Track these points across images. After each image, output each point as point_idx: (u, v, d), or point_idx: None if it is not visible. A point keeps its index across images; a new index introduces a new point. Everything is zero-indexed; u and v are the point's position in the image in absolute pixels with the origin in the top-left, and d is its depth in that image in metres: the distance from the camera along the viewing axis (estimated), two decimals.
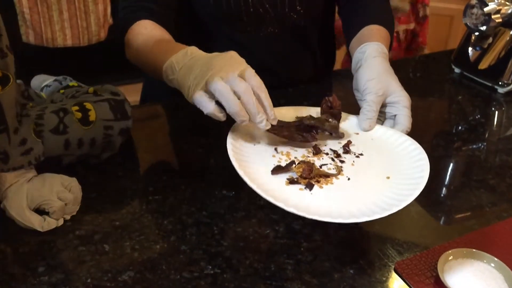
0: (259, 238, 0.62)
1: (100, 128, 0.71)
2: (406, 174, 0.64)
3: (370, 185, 0.62)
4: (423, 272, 0.57)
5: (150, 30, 0.83)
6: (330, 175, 0.63)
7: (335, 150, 0.69)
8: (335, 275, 0.57)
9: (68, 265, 0.57)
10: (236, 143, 0.66)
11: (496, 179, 0.76)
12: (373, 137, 0.73)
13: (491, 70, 1.05)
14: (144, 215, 0.66)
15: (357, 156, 0.68)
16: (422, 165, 0.64)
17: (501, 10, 0.98)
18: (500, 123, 0.98)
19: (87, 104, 0.71)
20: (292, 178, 0.62)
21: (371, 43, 0.82)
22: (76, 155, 0.70)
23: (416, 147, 0.69)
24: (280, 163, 0.64)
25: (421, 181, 0.60)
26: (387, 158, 0.68)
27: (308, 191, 0.60)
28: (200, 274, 0.57)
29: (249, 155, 0.65)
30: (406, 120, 0.73)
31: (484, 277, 0.55)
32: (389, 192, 0.60)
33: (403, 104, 0.74)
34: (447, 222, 0.69)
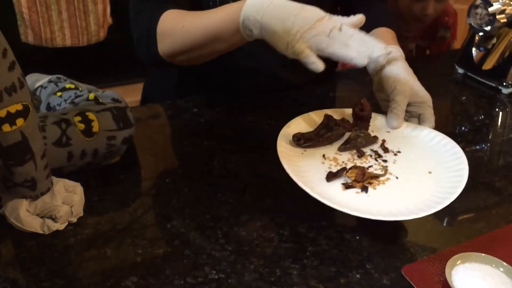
0: (264, 242, 0.62)
1: (103, 139, 0.70)
2: (446, 167, 0.67)
3: (418, 182, 0.66)
4: (431, 277, 0.56)
5: (183, 11, 0.83)
6: (379, 176, 0.66)
7: (376, 151, 0.72)
8: (341, 280, 0.56)
9: (70, 270, 0.56)
10: (287, 155, 0.68)
11: (502, 181, 0.75)
12: (404, 135, 0.77)
13: (495, 71, 1.05)
14: (147, 218, 0.65)
15: (395, 154, 0.72)
16: (460, 158, 0.68)
17: (506, 10, 0.98)
18: (504, 124, 0.98)
19: (90, 114, 0.70)
20: (347, 183, 0.64)
21: (390, 47, 0.85)
22: (78, 165, 0.69)
23: (448, 141, 0.72)
24: (331, 169, 0.67)
25: (463, 173, 0.64)
26: (423, 153, 0.72)
27: (364, 194, 0.63)
28: (204, 279, 0.56)
29: (301, 164, 0.68)
30: (431, 118, 0.78)
31: (493, 282, 0.54)
32: (437, 186, 0.64)
33: (427, 104, 0.78)
34: (454, 226, 0.68)
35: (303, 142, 0.71)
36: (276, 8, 0.69)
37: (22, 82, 0.57)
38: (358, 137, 0.73)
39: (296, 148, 0.71)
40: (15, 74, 0.56)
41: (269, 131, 0.88)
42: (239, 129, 0.88)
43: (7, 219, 0.62)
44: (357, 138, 0.73)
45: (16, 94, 0.56)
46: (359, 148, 0.72)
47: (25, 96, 0.58)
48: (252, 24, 0.71)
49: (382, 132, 0.77)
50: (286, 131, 0.73)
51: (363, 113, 0.76)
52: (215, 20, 0.76)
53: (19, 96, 0.56)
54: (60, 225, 0.62)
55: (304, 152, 0.71)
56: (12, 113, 0.56)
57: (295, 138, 0.71)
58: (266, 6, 0.70)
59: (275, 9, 0.69)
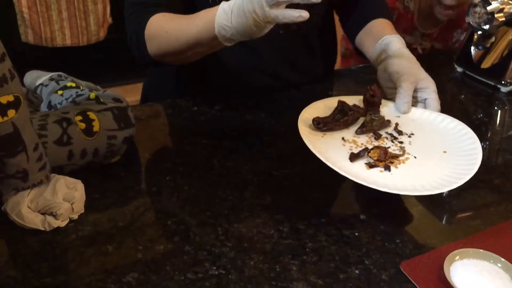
0: (264, 238, 0.62)
1: (104, 138, 0.70)
2: (459, 147, 0.71)
3: (436, 160, 0.69)
4: (429, 272, 0.57)
5: (169, 16, 0.84)
6: (398, 156, 0.69)
7: (391, 133, 0.75)
8: (340, 276, 0.57)
9: (71, 267, 0.57)
10: (310, 138, 0.70)
11: (501, 179, 0.76)
12: (414, 119, 0.80)
13: (494, 69, 1.05)
14: (148, 215, 0.66)
15: (409, 136, 0.75)
16: (471, 138, 0.72)
17: (504, 8, 0.98)
18: (503, 122, 0.98)
19: (91, 114, 0.70)
20: (370, 163, 0.67)
21: (392, 36, 0.89)
22: (79, 165, 0.70)
23: (458, 123, 0.76)
24: (352, 150, 0.70)
25: (477, 151, 0.68)
26: (436, 135, 0.75)
27: (388, 172, 0.66)
28: (204, 275, 0.56)
29: (323, 146, 0.70)
30: (436, 103, 0.81)
31: (491, 277, 0.54)
32: (454, 163, 0.68)
33: (432, 89, 0.82)
34: (453, 222, 0.68)
35: (323, 125, 0.73)
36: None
37: (13, 73, 0.58)
38: (373, 120, 0.76)
39: (316, 132, 0.73)
40: (5, 66, 0.57)
41: (268, 129, 0.88)
42: (239, 128, 0.89)
43: (9, 216, 0.62)
44: (372, 121, 0.76)
45: (7, 85, 0.56)
46: (375, 131, 0.75)
47: (16, 88, 0.58)
48: (228, 32, 0.72)
49: (392, 117, 0.80)
50: (304, 116, 0.75)
51: (374, 99, 0.79)
52: (195, 27, 0.78)
53: (10, 87, 0.57)
54: (61, 222, 0.62)
55: (324, 135, 0.73)
56: (3, 104, 0.56)
57: (315, 122, 0.73)
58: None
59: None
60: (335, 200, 0.70)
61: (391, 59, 0.84)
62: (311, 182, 0.73)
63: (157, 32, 0.83)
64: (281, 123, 0.89)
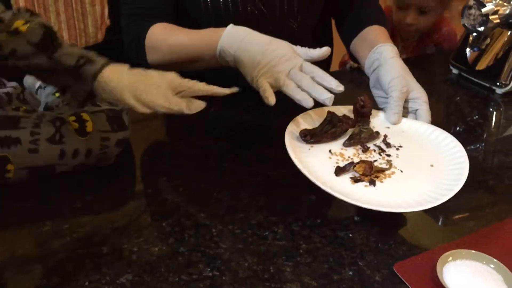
0: (258, 240, 0.62)
1: (96, 139, 0.71)
2: (447, 160, 0.70)
3: (422, 175, 0.68)
4: (422, 273, 0.57)
5: (170, 28, 0.87)
6: (384, 170, 0.68)
7: (379, 146, 0.74)
8: (334, 277, 0.57)
9: (66, 268, 0.57)
10: (296, 151, 0.69)
11: (495, 180, 0.76)
12: (403, 130, 0.79)
13: (489, 71, 1.05)
14: (143, 217, 0.66)
15: (397, 149, 0.74)
16: (459, 151, 0.71)
17: (499, 10, 0.98)
18: (498, 123, 0.98)
19: (84, 114, 0.71)
20: (355, 177, 0.66)
21: (386, 45, 0.87)
22: (71, 165, 0.70)
23: (447, 135, 0.75)
24: (338, 164, 0.69)
25: (464, 166, 0.67)
26: (424, 147, 0.74)
27: (372, 187, 0.65)
28: (199, 277, 0.56)
29: (309, 159, 0.69)
30: (427, 114, 0.80)
31: (483, 278, 0.55)
32: (441, 178, 0.66)
33: (423, 100, 0.81)
34: (447, 224, 0.68)
35: (310, 138, 0.72)
36: (248, 43, 0.76)
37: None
38: (362, 132, 0.75)
39: (303, 144, 0.72)
40: None
41: (265, 130, 0.88)
42: (236, 128, 0.89)
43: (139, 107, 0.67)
44: (361, 133, 0.75)
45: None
46: (363, 143, 0.74)
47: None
48: (227, 56, 0.78)
49: (382, 128, 0.79)
50: (292, 128, 0.75)
51: (364, 109, 0.78)
52: (197, 44, 0.82)
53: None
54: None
55: (311, 148, 0.72)
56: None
57: (302, 135, 0.73)
58: (240, 40, 0.76)
59: (247, 45, 0.75)
60: (330, 201, 0.70)
61: (383, 68, 0.83)
62: (306, 183, 0.73)
63: (159, 44, 0.85)
64: (278, 124, 0.88)
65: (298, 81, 0.73)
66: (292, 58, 0.74)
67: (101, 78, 0.67)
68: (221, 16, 0.90)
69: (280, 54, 0.74)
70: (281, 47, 0.75)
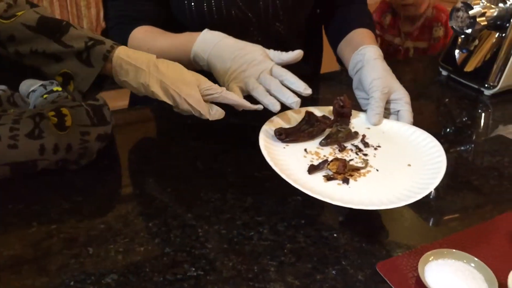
0: (244, 240, 0.63)
1: (76, 134, 0.71)
2: (425, 161, 0.70)
3: (398, 174, 0.67)
4: (404, 273, 0.58)
5: (151, 31, 0.89)
6: (360, 168, 0.68)
7: (356, 145, 0.74)
8: (317, 276, 0.58)
9: (52, 268, 0.58)
10: (269, 149, 0.69)
11: (480, 180, 0.77)
12: (384, 130, 0.79)
13: (477, 73, 1.06)
14: (130, 218, 0.66)
15: (375, 149, 0.74)
16: (438, 151, 0.70)
17: (486, 13, 0.99)
18: (487, 125, 0.99)
19: (64, 109, 0.71)
20: (328, 175, 0.66)
21: (369, 46, 0.88)
22: (52, 160, 0.70)
23: (427, 135, 0.75)
24: (312, 162, 0.68)
25: (441, 165, 0.66)
26: (403, 147, 0.74)
27: (346, 185, 0.65)
28: (183, 276, 0.57)
29: (283, 158, 0.69)
30: (409, 115, 0.80)
31: (464, 277, 0.55)
32: (417, 177, 0.66)
33: (405, 101, 0.81)
34: (431, 223, 0.69)
35: (285, 137, 0.72)
36: (220, 49, 0.78)
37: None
38: (339, 132, 0.74)
39: (278, 143, 0.72)
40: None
41: (253, 132, 0.89)
42: (225, 130, 0.90)
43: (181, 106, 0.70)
44: (338, 133, 0.74)
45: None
46: (340, 143, 0.73)
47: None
48: (201, 61, 0.80)
49: (363, 128, 0.78)
50: (268, 127, 0.75)
51: (344, 109, 0.77)
52: (173, 48, 0.84)
53: None
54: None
55: (286, 146, 0.72)
56: None
57: (277, 133, 0.72)
58: (213, 45, 0.78)
59: (219, 50, 0.78)
60: (316, 201, 0.71)
61: (365, 69, 0.84)
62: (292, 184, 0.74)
63: (139, 48, 0.85)
64: None
65: (267, 85, 0.74)
66: (262, 62, 0.75)
67: (117, 58, 0.68)
68: (205, 20, 0.91)
69: (250, 58, 0.75)
70: (252, 52, 0.76)
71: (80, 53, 0.66)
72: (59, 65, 0.67)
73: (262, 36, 0.96)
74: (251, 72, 0.75)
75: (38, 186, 0.71)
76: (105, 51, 0.67)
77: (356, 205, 0.60)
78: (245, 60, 0.76)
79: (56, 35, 0.66)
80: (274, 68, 0.76)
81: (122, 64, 0.68)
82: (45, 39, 0.66)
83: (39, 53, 0.66)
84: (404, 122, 0.79)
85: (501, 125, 0.94)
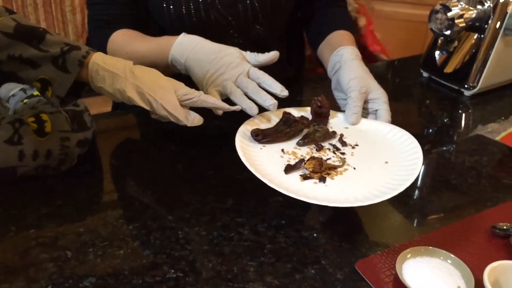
0: (223, 241, 0.63)
1: (56, 140, 0.71)
2: (402, 157, 0.70)
3: (375, 172, 0.68)
4: (382, 271, 0.58)
5: (130, 34, 0.89)
6: (337, 167, 0.68)
7: (334, 145, 0.74)
8: (296, 276, 0.58)
9: (30, 272, 0.57)
10: (246, 150, 0.69)
11: (458, 180, 0.78)
12: (362, 130, 0.79)
13: (457, 74, 1.08)
14: (109, 221, 0.66)
15: (353, 147, 0.74)
16: (414, 148, 0.71)
17: (465, 14, 1.01)
18: (466, 125, 1.01)
19: (43, 115, 0.71)
20: (305, 174, 0.66)
21: (347, 47, 0.89)
22: (32, 167, 0.70)
23: (404, 133, 0.75)
24: (289, 162, 0.68)
25: (418, 161, 0.67)
26: (380, 145, 0.74)
27: (322, 184, 0.64)
28: (162, 278, 0.57)
29: (260, 158, 0.69)
30: (387, 114, 0.81)
31: (441, 273, 0.56)
32: (393, 174, 0.67)
33: (383, 100, 0.81)
34: (409, 222, 0.70)
35: (262, 138, 0.72)
36: (197, 52, 0.78)
37: None
38: (317, 131, 0.75)
39: (255, 144, 0.72)
40: None
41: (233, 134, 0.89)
42: (206, 133, 0.90)
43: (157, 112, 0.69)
44: (315, 132, 0.75)
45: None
46: (317, 142, 0.74)
47: None
48: (178, 65, 0.80)
49: (341, 128, 0.79)
50: (245, 128, 0.75)
51: (322, 109, 0.78)
52: (151, 52, 0.84)
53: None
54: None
55: (263, 147, 0.72)
56: None
57: (253, 134, 0.72)
58: (190, 49, 0.78)
59: (197, 54, 0.78)
60: (296, 202, 0.71)
61: (343, 70, 0.84)
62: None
63: (118, 52, 0.87)
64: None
65: (244, 88, 0.75)
66: (239, 65, 0.76)
67: (93, 64, 0.68)
68: (184, 23, 0.91)
69: (227, 61, 0.76)
70: (229, 54, 0.77)
71: (55, 58, 0.66)
72: (35, 71, 0.67)
73: (243, 39, 0.96)
74: (229, 75, 0.75)
75: (17, 191, 0.70)
76: (81, 57, 0.67)
77: (332, 203, 0.60)
78: (223, 63, 0.76)
79: (33, 41, 0.66)
80: (251, 70, 0.76)
81: (98, 70, 0.68)
82: (23, 45, 0.66)
83: (16, 58, 0.66)
84: (382, 121, 0.80)
85: (480, 125, 0.95)
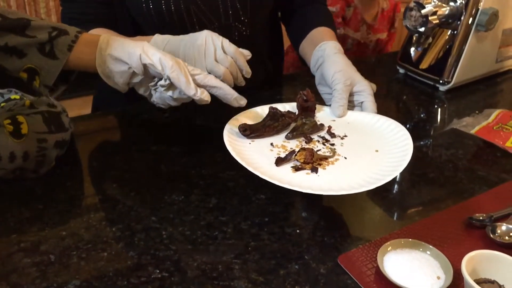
0: (208, 240, 0.63)
1: (33, 141, 0.70)
2: (392, 145, 0.72)
3: (366, 160, 0.69)
4: (364, 264, 0.59)
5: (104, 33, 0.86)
6: (328, 157, 0.69)
7: (323, 136, 0.75)
8: (280, 272, 0.59)
9: (12, 278, 0.57)
10: (234, 145, 0.70)
11: (435, 173, 0.80)
12: (349, 121, 0.80)
13: (432, 69, 1.10)
14: (93, 223, 0.66)
15: (342, 138, 0.75)
16: (404, 135, 0.72)
17: (438, 11, 1.03)
18: (442, 119, 1.03)
19: (20, 117, 0.70)
20: (296, 166, 0.67)
21: (329, 42, 0.90)
22: (9, 169, 0.69)
23: (392, 122, 0.77)
24: (279, 155, 0.69)
25: (408, 148, 0.68)
26: (369, 135, 0.76)
27: (315, 174, 0.65)
28: (147, 279, 0.57)
29: (249, 153, 0.69)
30: (373, 105, 0.82)
31: (420, 265, 0.57)
32: (385, 161, 0.68)
33: (368, 92, 0.83)
34: (390, 215, 0.71)
35: (250, 132, 0.72)
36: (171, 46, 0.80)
37: None
38: (305, 124, 0.75)
39: (243, 139, 0.72)
40: None
41: (216, 133, 0.89)
42: (188, 133, 0.90)
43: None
44: (304, 125, 0.75)
45: None
46: (306, 135, 0.74)
47: None
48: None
49: (328, 121, 0.80)
50: (232, 125, 0.75)
51: (308, 103, 0.78)
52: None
53: None
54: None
55: (251, 142, 0.72)
56: None
57: (241, 129, 0.72)
58: (163, 46, 0.81)
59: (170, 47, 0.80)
60: (279, 199, 0.72)
61: (326, 64, 0.86)
62: (256, 183, 0.75)
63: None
64: None
65: (216, 73, 0.78)
66: (210, 44, 0.77)
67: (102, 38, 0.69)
68: (165, 21, 0.91)
69: (200, 44, 0.77)
70: (199, 35, 0.79)
71: (42, 45, 0.65)
72: (22, 60, 0.65)
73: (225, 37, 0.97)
74: (202, 59, 0.77)
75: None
76: (70, 41, 0.66)
77: (326, 191, 0.61)
78: (195, 47, 0.77)
79: (17, 29, 0.65)
80: (225, 42, 0.79)
81: (109, 40, 0.69)
82: (7, 34, 0.65)
83: (1, 48, 0.64)
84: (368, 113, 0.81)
85: (455, 119, 0.97)
